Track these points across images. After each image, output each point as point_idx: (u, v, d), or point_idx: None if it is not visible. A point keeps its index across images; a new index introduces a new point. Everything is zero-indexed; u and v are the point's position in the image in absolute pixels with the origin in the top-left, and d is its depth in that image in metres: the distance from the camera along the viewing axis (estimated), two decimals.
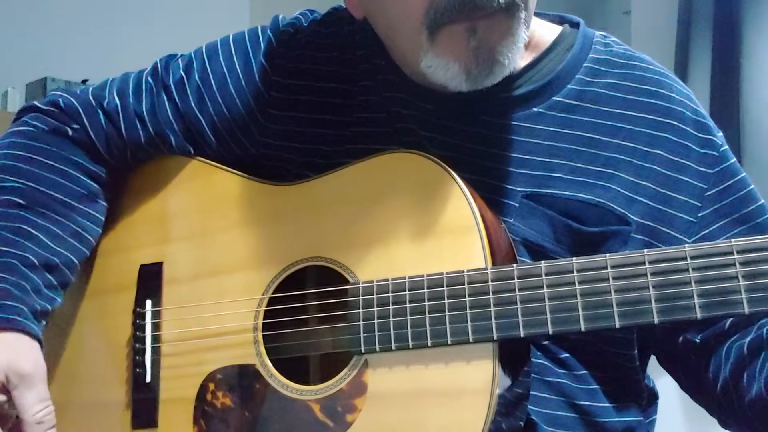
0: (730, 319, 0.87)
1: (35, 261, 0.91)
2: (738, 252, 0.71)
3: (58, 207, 0.95)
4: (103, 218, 1.00)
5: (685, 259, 0.73)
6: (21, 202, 0.93)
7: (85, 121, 0.99)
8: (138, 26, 3.14)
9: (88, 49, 2.98)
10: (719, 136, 0.93)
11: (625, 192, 0.88)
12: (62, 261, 0.94)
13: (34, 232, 0.92)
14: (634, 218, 0.87)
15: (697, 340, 0.89)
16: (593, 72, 0.92)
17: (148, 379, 0.93)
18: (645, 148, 0.89)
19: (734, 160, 0.92)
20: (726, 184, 0.90)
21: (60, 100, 1.00)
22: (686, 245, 0.73)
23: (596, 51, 0.94)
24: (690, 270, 0.72)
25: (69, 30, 3.00)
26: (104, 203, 1.00)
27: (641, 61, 0.95)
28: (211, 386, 0.90)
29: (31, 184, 0.94)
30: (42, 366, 0.87)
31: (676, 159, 0.89)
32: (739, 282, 0.70)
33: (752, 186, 0.91)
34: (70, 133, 0.98)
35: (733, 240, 0.72)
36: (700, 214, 0.89)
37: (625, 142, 0.89)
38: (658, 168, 0.89)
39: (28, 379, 0.84)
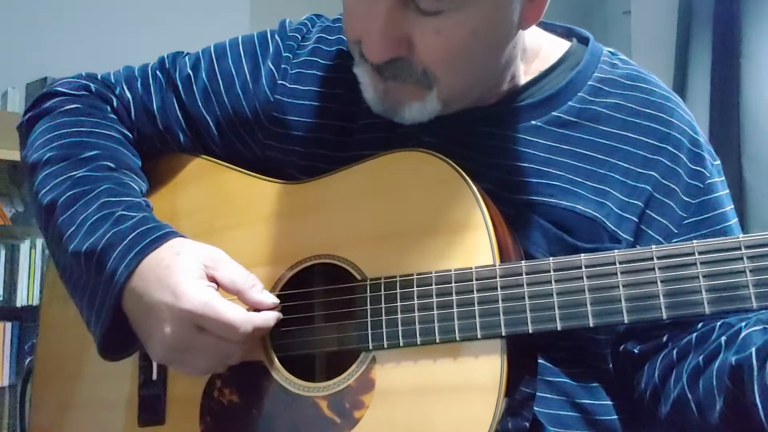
0: (668, 333, 0.88)
1: (149, 204, 0.94)
2: (746, 247, 0.71)
3: (135, 170, 0.98)
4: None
5: (693, 254, 0.73)
6: (111, 165, 0.94)
7: (114, 101, 1.02)
8: (138, 26, 3.14)
9: (88, 49, 2.99)
10: (714, 165, 0.93)
11: (617, 210, 0.88)
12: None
13: (135, 186, 0.94)
14: (624, 236, 0.88)
15: (636, 351, 0.89)
16: (595, 91, 0.93)
17: (154, 375, 0.93)
18: (639, 170, 0.90)
19: (721, 193, 0.92)
20: (704, 216, 0.90)
21: (91, 85, 1.02)
22: (694, 241, 0.74)
23: (602, 70, 0.94)
24: (698, 265, 0.72)
25: (69, 30, 3.01)
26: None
27: (646, 83, 0.94)
28: (218, 383, 0.90)
29: (107, 152, 0.95)
30: (218, 248, 0.88)
31: (666, 183, 0.90)
32: (747, 277, 0.70)
33: (732, 221, 0.91)
34: (109, 109, 1.01)
35: (741, 236, 0.72)
36: (674, 240, 0.89)
37: (621, 162, 0.90)
38: (649, 189, 0.89)
39: (219, 259, 0.85)
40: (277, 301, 0.86)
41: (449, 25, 0.78)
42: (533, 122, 0.91)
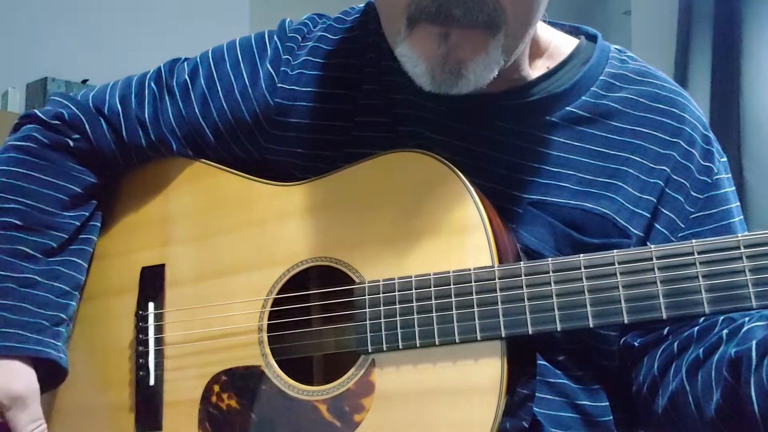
0: (670, 326, 0.87)
1: (37, 278, 0.93)
2: (745, 246, 0.71)
3: (56, 222, 0.96)
4: (99, 224, 1.02)
5: (692, 254, 0.72)
6: (19, 223, 0.94)
7: (88, 129, 0.99)
8: (138, 26, 3.14)
9: (88, 49, 2.99)
10: (722, 162, 0.93)
11: (628, 205, 0.88)
12: (68, 268, 0.96)
13: (32, 252, 0.93)
14: (635, 231, 0.88)
15: (636, 344, 0.89)
16: (608, 86, 0.92)
17: (151, 381, 0.93)
18: (651, 165, 0.90)
19: (728, 189, 0.92)
20: (710, 211, 0.90)
21: (64, 112, 1.00)
22: (693, 241, 0.73)
23: (612, 65, 0.94)
24: (697, 265, 0.72)
25: (69, 30, 3.01)
26: (100, 213, 1.02)
27: (656, 79, 0.95)
28: (216, 388, 0.89)
29: (30, 202, 0.95)
30: (34, 386, 0.89)
31: (676, 178, 0.90)
32: (746, 276, 0.70)
33: (737, 218, 0.91)
34: (71, 144, 0.99)
35: (740, 235, 0.72)
36: (680, 234, 0.89)
37: (634, 156, 0.89)
38: (661, 184, 0.89)
39: (20, 400, 0.87)
40: None
41: None
42: (547, 117, 0.90)
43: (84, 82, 2.64)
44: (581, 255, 0.76)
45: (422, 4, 0.79)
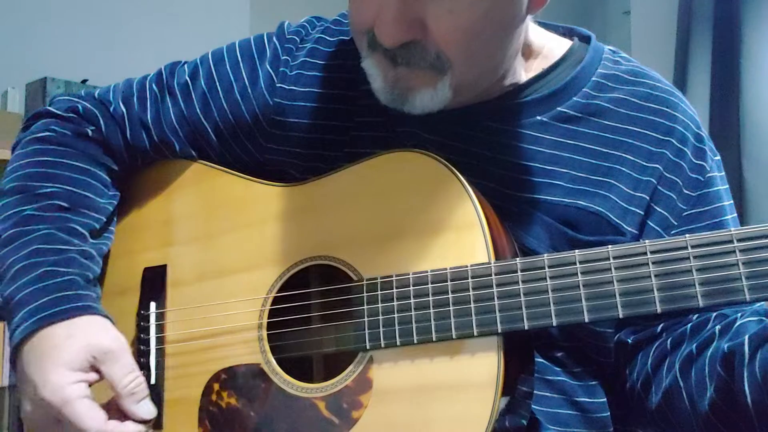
0: (663, 323, 0.88)
1: (93, 252, 0.94)
2: (738, 240, 0.71)
3: (95, 205, 0.97)
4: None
5: (686, 248, 0.73)
6: (64, 205, 0.95)
7: (101, 123, 1.01)
8: (138, 26, 3.14)
9: (88, 49, 2.98)
10: (715, 161, 0.94)
11: (622, 203, 0.89)
12: (99, 254, 0.98)
13: (82, 230, 0.94)
14: (628, 229, 0.89)
15: (630, 341, 0.90)
16: (600, 86, 0.93)
17: (152, 380, 0.94)
18: (644, 163, 0.90)
19: (720, 187, 0.93)
20: (702, 209, 0.91)
21: (79, 106, 1.01)
22: (687, 235, 0.74)
23: (605, 66, 0.95)
24: (691, 258, 0.72)
25: (69, 30, 3.00)
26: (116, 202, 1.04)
27: (649, 79, 0.95)
28: (216, 386, 0.90)
29: (67, 187, 0.96)
30: (121, 339, 0.88)
31: (669, 176, 0.91)
32: (739, 270, 0.71)
33: (730, 216, 0.92)
34: (90, 134, 1.00)
35: (733, 229, 0.72)
36: (672, 232, 0.90)
37: (626, 154, 0.90)
38: (654, 182, 0.90)
39: (111, 353, 0.86)
40: (153, 413, 0.87)
41: (463, 5, 0.78)
42: (538, 118, 0.91)
43: (84, 82, 2.63)
44: (576, 250, 0.77)
45: (375, 35, 0.82)
